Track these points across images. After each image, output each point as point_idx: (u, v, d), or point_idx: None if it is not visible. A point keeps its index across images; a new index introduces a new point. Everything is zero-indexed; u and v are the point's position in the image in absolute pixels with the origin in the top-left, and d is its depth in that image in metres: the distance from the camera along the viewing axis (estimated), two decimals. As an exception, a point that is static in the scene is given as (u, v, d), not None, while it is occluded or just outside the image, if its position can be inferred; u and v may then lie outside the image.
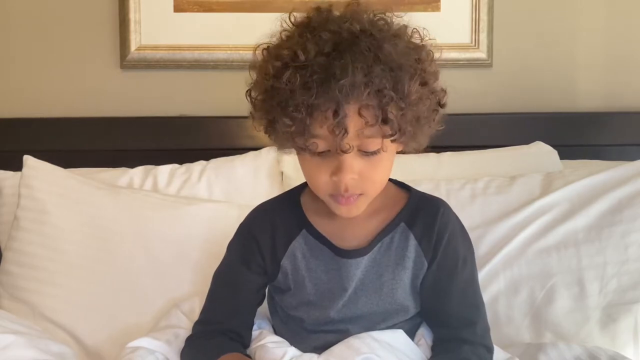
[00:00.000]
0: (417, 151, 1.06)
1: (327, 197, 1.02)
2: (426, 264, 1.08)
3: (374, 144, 0.97)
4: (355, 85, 0.91)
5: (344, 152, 0.95)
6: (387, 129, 0.95)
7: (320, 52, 0.93)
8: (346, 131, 0.93)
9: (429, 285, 1.09)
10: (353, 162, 0.97)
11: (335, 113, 0.92)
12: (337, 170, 0.98)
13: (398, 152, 1.05)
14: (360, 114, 0.93)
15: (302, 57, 0.93)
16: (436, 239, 1.08)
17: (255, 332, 1.16)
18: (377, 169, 1.00)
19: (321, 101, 0.92)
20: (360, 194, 1.01)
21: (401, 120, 0.95)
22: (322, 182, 1.00)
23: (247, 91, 1.03)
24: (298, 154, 1.03)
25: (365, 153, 0.98)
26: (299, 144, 0.98)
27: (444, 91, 1.03)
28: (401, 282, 1.08)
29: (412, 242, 1.08)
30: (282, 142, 1.02)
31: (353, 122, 0.93)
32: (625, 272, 1.35)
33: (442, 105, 1.03)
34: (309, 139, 0.96)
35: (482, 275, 1.35)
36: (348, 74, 0.90)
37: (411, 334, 1.11)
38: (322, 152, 0.98)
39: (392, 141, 0.98)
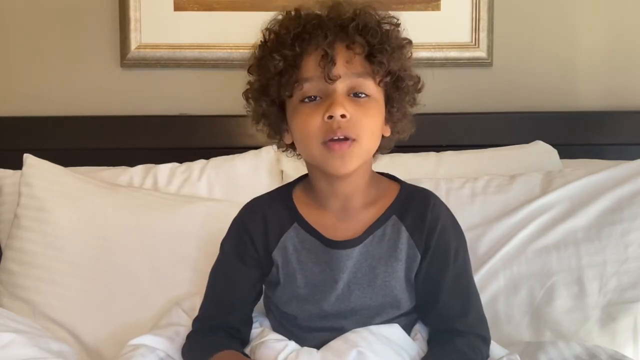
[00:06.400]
0: (400, 137, 1.13)
1: (321, 149, 1.03)
2: (419, 256, 1.09)
3: (363, 84, 1.03)
4: (343, 25, 1.02)
5: (332, 79, 1.00)
6: (375, 67, 1.03)
7: (313, 13, 1.05)
8: (334, 62, 1.00)
9: (423, 276, 1.09)
10: (344, 101, 1.01)
11: (324, 49, 1.01)
12: (329, 108, 1.01)
13: (386, 137, 1.11)
14: (347, 47, 1.02)
15: (298, 12, 1.05)
16: (428, 231, 1.09)
17: (257, 330, 1.16)
18: (367, 114, 1.03)
19: (311, 37, 1.01)
20: (354, 140, 1.02)
21: (387, 60, 1.03)
22: (315, 127, 1.02)
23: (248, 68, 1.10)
24: (290, 112, 1.06)
25: (355, 96, 1.03)
26: (287, 89, 1.03)
27: (419, 77, 1.11)
28: (395, 274, 1.08)
29: (404, 235, 1.09)
30: (272, 95, 1.05)
31: (341, 53, 1.02)
32: (624, 271, 1.35)
33: (419, 89, 1.11)
34: (298, 78, 1.02)
35: (481, 274, 1.36)
36: (337, 16, 1.03)
37: (407, 330, 1.12)
38: (312, 98, 1.03)
39: (379, 83, 1.04)
